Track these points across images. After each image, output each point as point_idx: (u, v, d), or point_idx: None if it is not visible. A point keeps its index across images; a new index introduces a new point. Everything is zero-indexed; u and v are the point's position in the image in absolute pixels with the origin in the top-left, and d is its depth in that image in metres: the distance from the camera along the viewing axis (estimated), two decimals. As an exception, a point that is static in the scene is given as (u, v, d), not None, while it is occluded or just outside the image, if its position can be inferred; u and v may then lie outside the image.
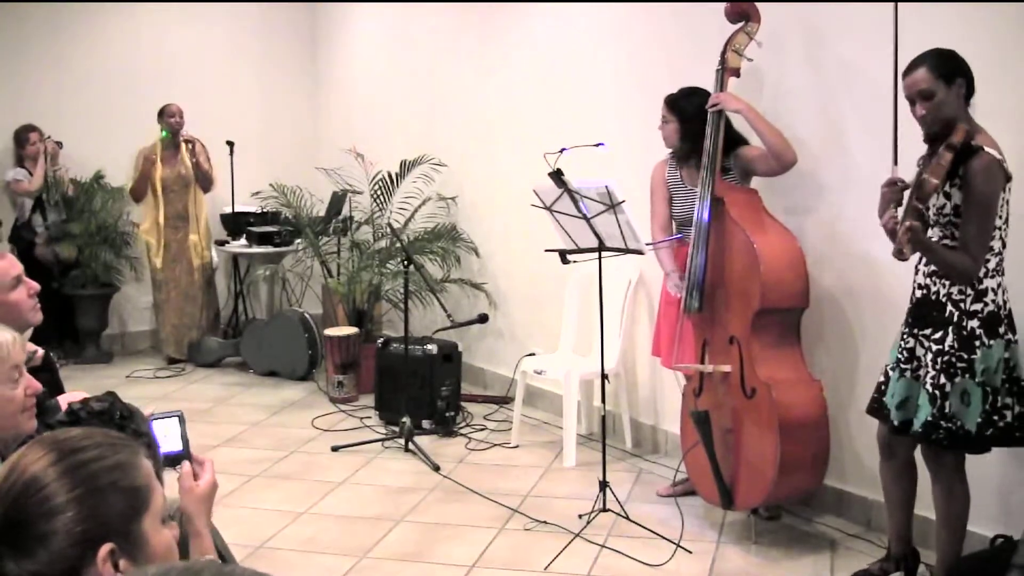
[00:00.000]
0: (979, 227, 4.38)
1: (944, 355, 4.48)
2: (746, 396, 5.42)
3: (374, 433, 7.62)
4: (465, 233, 8.91)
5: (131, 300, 10.61)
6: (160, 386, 9.11)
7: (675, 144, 6.04)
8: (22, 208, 9.84)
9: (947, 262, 4.42)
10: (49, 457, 1.95)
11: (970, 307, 4.46)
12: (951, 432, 4.46)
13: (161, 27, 10.59)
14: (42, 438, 2.03)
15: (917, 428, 4.55)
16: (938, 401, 4.47)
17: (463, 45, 8.89)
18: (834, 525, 5.76)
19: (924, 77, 4.41)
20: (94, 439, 2.02)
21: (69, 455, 1.96)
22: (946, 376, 4.46)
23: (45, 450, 1.97)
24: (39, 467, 1.94)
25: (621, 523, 5.78)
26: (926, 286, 4.61)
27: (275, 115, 11.13)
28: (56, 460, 1.95)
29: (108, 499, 1.95)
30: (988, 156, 4.33)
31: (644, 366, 7.15)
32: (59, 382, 5.11)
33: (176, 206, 9.75)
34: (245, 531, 5.75)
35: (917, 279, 4.68)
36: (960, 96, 4.44)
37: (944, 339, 4.49)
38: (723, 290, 5.59)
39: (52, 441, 2.00)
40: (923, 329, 4.60)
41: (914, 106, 4.49)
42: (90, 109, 10.24)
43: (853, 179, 5.48)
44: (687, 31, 6.60)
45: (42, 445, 1.99)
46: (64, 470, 1.94)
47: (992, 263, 4.45)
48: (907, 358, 4.68)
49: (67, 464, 1.95)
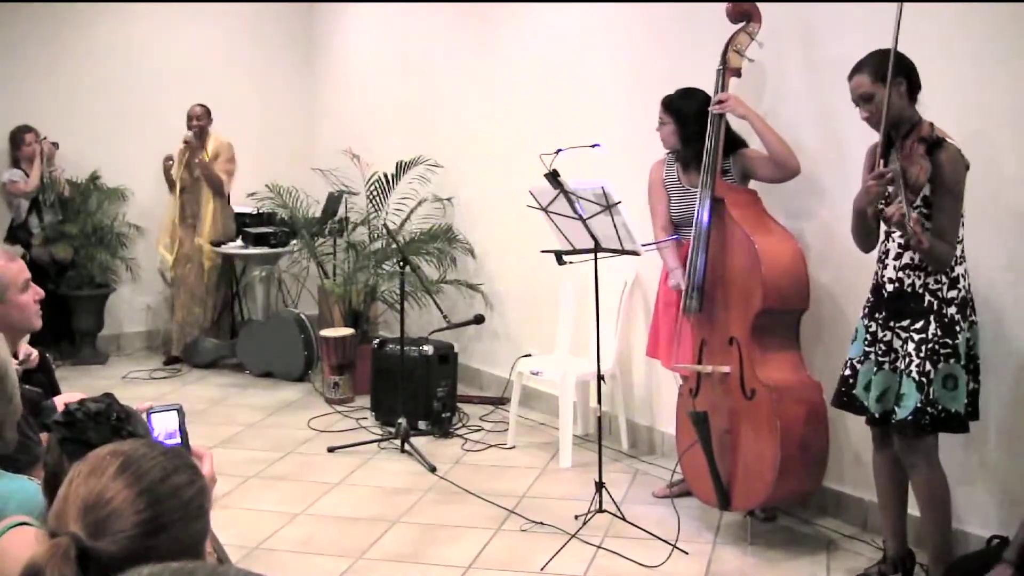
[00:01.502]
0: (951, 215, 4.56)
1: (928, 343, 4.59)
2: (745, 397, 5.42)
3: (370, 434, 7.61)
4: (461, 234, 8.90)
5: (127, 301, 10.60)
6: (156, 387, 9.10)
7: (673, 145, 6.04)
8: (18, 209, 9.83)
9: (933, 252, 4.52)
10: (134, 489, 1.88)
11: (947, 294, 4.61)
12: (934, 417, 4.58)
13: (157, 28, 10.58)
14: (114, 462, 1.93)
15: (905, 416, 4.62)
16: (925, 387, 4.57)
17: (459, 46, 8.89)
18: (831, 526, 5.76)
19: (862, 82, 4.67)
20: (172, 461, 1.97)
21: (156, 485, 1.90)
22: (930, 363, 4.57)
23: (129, 480, 1.89)
24: (126, 501, 1.87)
25: (617, 524, 5.77)
26: (899, 279, 4.72)
27: (271, 116, 11.12)
28: (141, 492, 1.88)
29: (192, 525, 1.94)
30: (953, 147, 4.55)
31: (640, 367, 7.15)
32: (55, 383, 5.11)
33: (191, 206, 9.85)
34: (241, 532, 5.74)
35: (886, 273, 4.78)
36: (902, 95, 4.59)
37: (927, 328, 4.60)
38: (723, 291, 5.58)
39: (135, 475, 1.91)
40: (900, 321, 4.71)
41: (859, 108, 4.70)
42: (86, 110, 10.23)
43: (851, 180, 5.46)
44: (686, 30, 6.60)
45: (123, 478, 1.90)
46: (151, 502, 1.89)
47: (958, 250, 4.61)
48: (884, 351, 4.76)
49: (153, 496, 1.89)
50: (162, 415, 2.90)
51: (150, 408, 2.89)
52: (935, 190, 4.52)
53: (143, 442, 2.02)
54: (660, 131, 6.08)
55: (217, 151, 9.71)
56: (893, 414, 4.69)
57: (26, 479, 2.93)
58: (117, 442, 2.01)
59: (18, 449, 3.38)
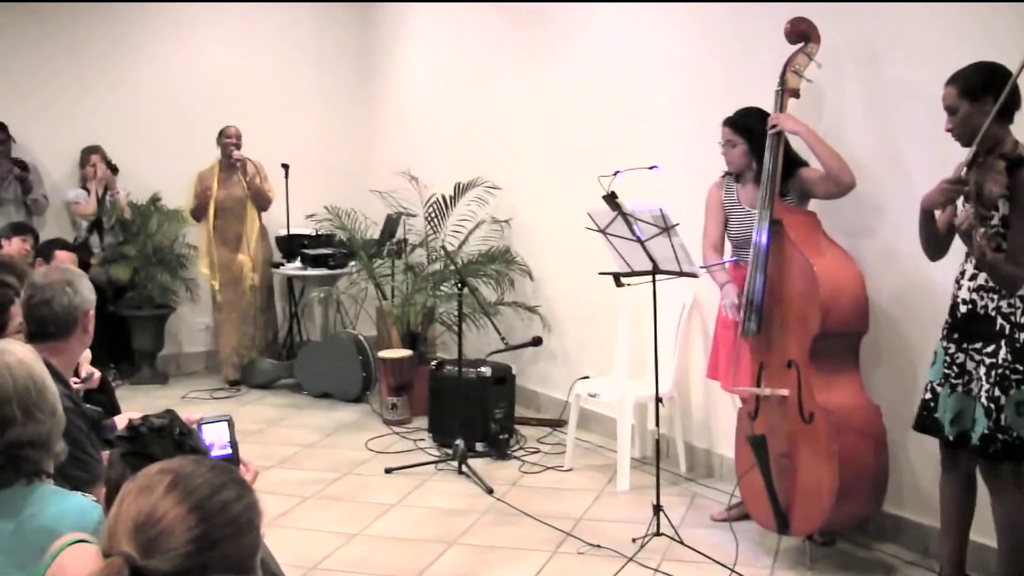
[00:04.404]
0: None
1: (998, 368, 4.49)
2: (804, 421, 5.37)
3: (427, 455, 7.61)
4: (519, 256, 8.91)
5: (186, 321, 10.68)
6: (214, 407, 9.12)
7: (742, 166, 5.97)
8: (80, 228, 9.93)
9: (1000, 271, 4.43)
10: (184, 506, 1.89)
11: (1020, 319, 4.49)
12: (1007, 444, 4.48)
13: (217, 50, 10.70)
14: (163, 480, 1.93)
15: (975, 442, 4.55)
16: (993, 414, 4.47)
17: (516, 67, 8.90)
18: (890, 551, 5.69)
19: (948, 93, 4.58)
20: (220, 477, 1.98)
21: (206, 501, 1.91)
22: (1000, 389, 4.47)
23: (179, 498, 1.90)
24: (177, 519, 1.88)
25: (675, 547, 5.73)
26: (972, 301, 4.62)
27: (329, 138, 11.19)
28: (191, 509, 1.89)
29: (242, 540, 1.95)
30: None
31: (698, 389, 7.11)
32: (115, 403, 5.16)
33: (233, 228, 9.87)
34: (297, 552, 5.75)
35: (960, 294, 4.70)
36: (985, 112, 4.45)
37: (997, 352, 4.51)
38: (781, 313, 5.54)
39: (185, 492, 1.91)
40: (972, 343, 4.61)
41: None
42: (147, 132, 10.33)
43: (911, 199, 5.39)
44: (744, 51, 6.58)
45: (173, 495, 1.90)
46: (201, 518, 1.89)
47: None
48: (957, 373, 4.67)
49: (204, 513, 1.90)
50: (213, 426, 2.93)
51: (201, 420, 2.92)
52: (1012, 209, 4.42)
53: (191, 459, 2.03)
54: (729, 153, 6.00)
55: (255, 170, 9.80)
56: (968, 438, 4.61)
57: (81, 496, 2.95)
58: (165, 460, 2.02)
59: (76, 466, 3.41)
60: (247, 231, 9.87)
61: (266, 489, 5.61)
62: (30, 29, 9.94)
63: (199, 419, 2.96)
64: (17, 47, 9.91)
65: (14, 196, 9.57)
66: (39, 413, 2.99)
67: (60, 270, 4.33)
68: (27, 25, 9.92)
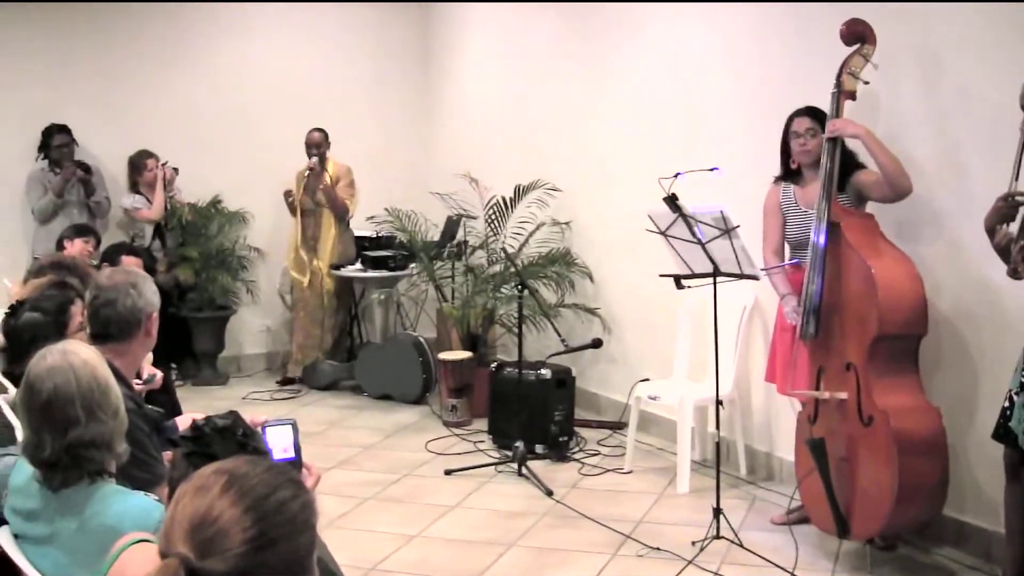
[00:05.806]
0: None
1: None
2: (863, 424, 5.34)
3: (487, 457, 7.64)
4: (579, 258, 8.90)
5: (247, 323, 10.76)
6: (275, 408, 9.19)
7: (819, 156, 5.79)
8: (142, 234, 9.97)
9: None
10: (240, 507, 1.89)
11: None
12: None
13: (276, 54, 10.75)
14: (219, 480, 1.93)
15: None
16: None
17: (576, 69, 8.90)
18: (952, 556, 5.65)
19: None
20: (276, 477, 1.98)
21: (262, 501, 1.91)
22: None
23: (235, 498, 1.90)
24: (232, 519, 1.88)
25: (735, 551, 5.71)
26: None
27: (390, 140, 11.22)
28: (247, 509, 1.89)
29: (298, 539, 1.95)
30: None
31: (759, 392, 7.08)
32: (177, 404, 5.22)
33: (310, 230, 10.01)
34: (357, 553, 5.77)
35: None
36: None
37: None
38: (839, 316, 5.51)
39: (240, 493, 1.91)
40: None
41: None
42: (205, 135, 10.40)
43: (970, 203, 5.37)
44: (800, 53, 6.55)
45: (228, 496, 1.90)
46: (257, 518, 1.89)
47: None
48: None
49: (260, 513, 1.90)
50: (277, 429, 2.94)
51: (265, 422, 2.93)
52: None
53: (247, 459, 2.03)
54: (808, 142, 5.87)
55: (337, 176, 9.84)
56: None
57: (143, 495, 2.99)
58: (220, 461, 2.03)
59: (137, 467, 3.45)
60: (322, 235, 9.94)
61: (326, 490, 5.65)
62: (90, 34, 10.03)
63: (263, 421, 2.98)
64: (76, 49, 10.00)
65: (77, 198, 9.66)
66: (102, 414, 3.03)
67: (125, 272, 4.36)
68: (87, 29, 10.01)
